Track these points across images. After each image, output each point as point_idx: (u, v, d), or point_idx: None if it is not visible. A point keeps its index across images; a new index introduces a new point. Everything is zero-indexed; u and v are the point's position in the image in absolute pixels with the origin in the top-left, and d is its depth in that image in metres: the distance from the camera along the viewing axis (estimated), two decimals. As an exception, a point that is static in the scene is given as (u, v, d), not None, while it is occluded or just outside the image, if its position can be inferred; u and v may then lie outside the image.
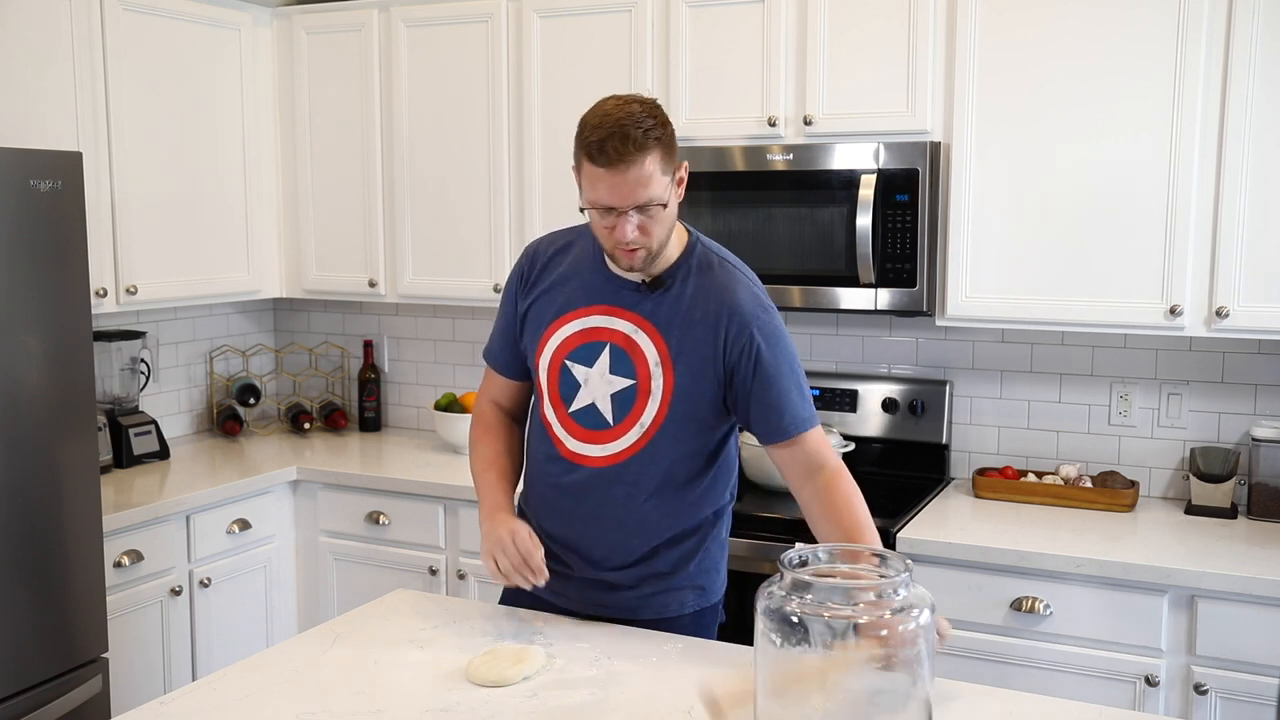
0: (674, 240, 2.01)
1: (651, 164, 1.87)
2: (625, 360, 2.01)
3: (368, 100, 3.65)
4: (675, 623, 2.06)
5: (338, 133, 3.71)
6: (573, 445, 2.06)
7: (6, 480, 2.56)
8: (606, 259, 2.02)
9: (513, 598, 2.19)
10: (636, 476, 2.03)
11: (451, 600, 2.23)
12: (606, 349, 2.02)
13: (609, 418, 2.02)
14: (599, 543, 2.08)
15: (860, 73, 3.00)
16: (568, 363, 2.05)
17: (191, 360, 3.98)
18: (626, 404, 2.01)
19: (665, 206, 1.90)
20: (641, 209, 1.88)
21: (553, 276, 2.09)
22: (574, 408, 2.05)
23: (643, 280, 2.01)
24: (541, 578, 2.00)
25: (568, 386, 2.05)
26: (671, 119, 1.96)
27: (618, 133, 1.84)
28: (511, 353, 2.17)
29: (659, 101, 1.95)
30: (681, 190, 1.97)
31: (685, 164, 1.98)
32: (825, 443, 2.02)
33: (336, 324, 4.20)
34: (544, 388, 2.09)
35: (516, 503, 2.19)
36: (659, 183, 1.88)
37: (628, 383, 2.00)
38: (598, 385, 2.02)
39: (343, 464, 3.58)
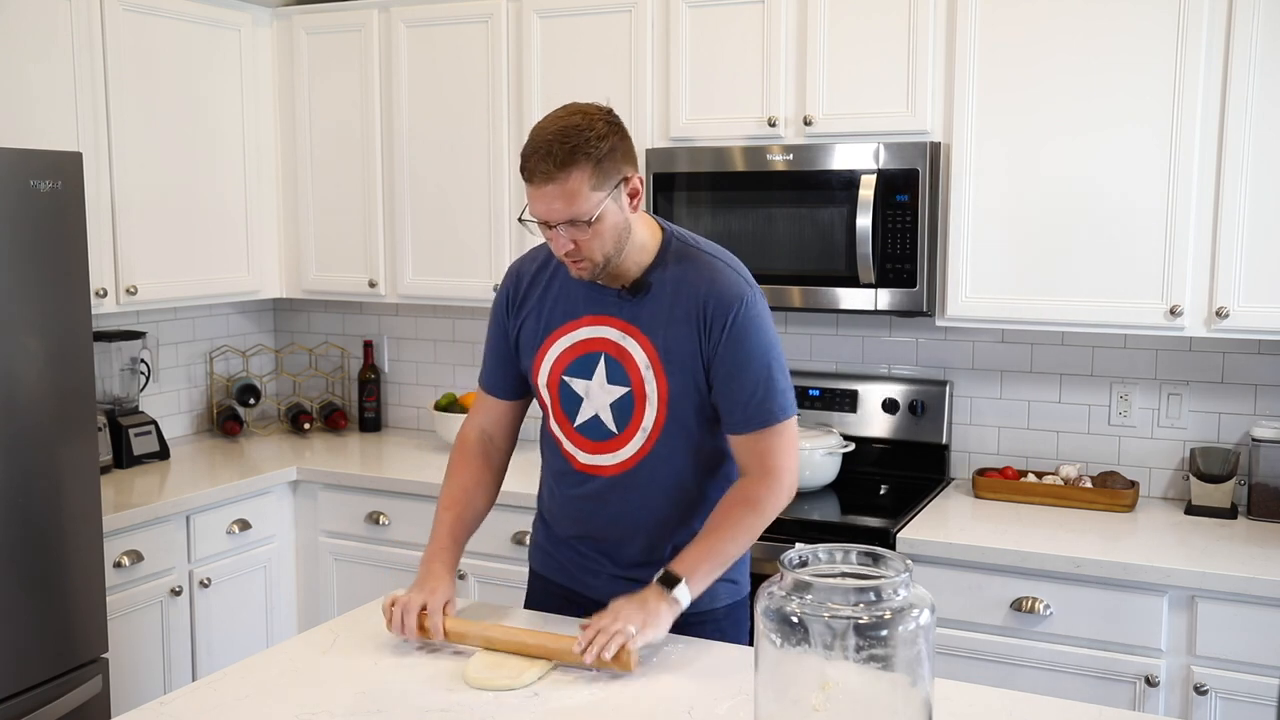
0: (647, 240, 1.99)
1: (578, 180, 1.84)
2: (619, 368, 2.00)
3: (368, 100, 3.65)
4: (709, 615, 2.05)
5: (338, 133, 3.71)
6: (583, 458, 2.07)
7: (6, 480, 2.56)
8: None
9: (542, 593, 2.21)
10: (648, 480, 2.03)
11: (451, 600, 2.23)
12: (602, 359, 2.02)
13: (612, 427, 2.03)
14: (623, 545, 2.09)
15: (860, 73, 3.00)
16: (565, 378, 2.05)
17: (191, 360, 3.98)
18: (626, 411, 2.01)
19: (594, 222, 1.87)
20: (571, 223, 1.87)
21: (538, 293, 2.09)
22: (579, 421, 2.05)
23: (622, 286, 2.00)
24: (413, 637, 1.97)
25: (570, 401, 2.05)
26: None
27: (542, 148, 1.84)
28: (505, 372, 2.16)
29: (613, 109, 1.92)
30: (636, 202, 1.94)
31: (636, 175, 1.94)
32: (784, 443, 1.98)
33: (336, 324, 4.20)
34: (547, 404, 2.10)
35: (537, 507, 2.23)
36: (588, 199, 1.85)
37: (623, 390, 2.00)
38: (598, 396, 2.02)
39: (343, 464, 3.58)
